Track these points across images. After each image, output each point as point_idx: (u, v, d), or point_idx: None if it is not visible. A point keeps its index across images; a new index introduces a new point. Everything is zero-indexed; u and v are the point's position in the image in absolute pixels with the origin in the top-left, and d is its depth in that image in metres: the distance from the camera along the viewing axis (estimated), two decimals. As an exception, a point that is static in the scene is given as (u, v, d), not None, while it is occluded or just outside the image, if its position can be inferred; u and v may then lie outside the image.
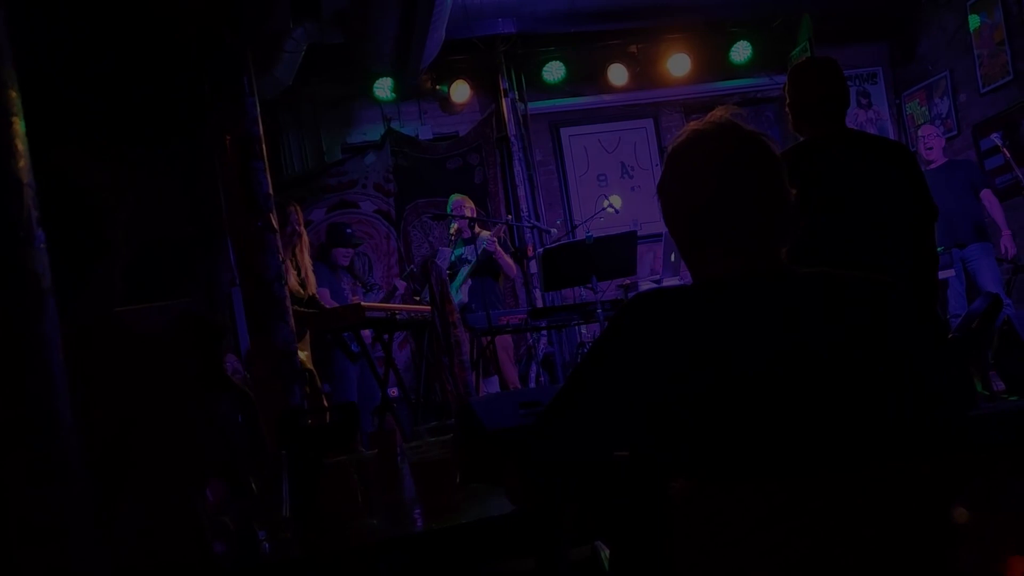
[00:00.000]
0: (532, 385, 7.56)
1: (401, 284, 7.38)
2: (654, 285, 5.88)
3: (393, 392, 6.25)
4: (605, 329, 1.48)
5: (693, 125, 1.54)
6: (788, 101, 3.24)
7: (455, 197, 7.03)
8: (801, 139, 3.28)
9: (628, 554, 1.55)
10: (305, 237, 5.64)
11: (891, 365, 1.40)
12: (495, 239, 6.68)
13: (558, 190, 9.01)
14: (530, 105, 8.77)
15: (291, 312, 4.66)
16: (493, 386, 6.83)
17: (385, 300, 7.17)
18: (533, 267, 8.17)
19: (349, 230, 7.08)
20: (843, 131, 3.24)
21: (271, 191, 4.62)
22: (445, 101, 8.72)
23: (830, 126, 3.18)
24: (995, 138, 6.93)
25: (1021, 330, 5.34)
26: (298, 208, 5.64)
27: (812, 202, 3.16)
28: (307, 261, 5.56)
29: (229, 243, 5.68)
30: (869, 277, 1.46)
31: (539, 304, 7.80)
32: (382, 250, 8.60)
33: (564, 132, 9.10)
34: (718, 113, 1.54)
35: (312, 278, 5.50)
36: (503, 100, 8.63)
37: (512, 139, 8.64)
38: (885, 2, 8.31)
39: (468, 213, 6.86)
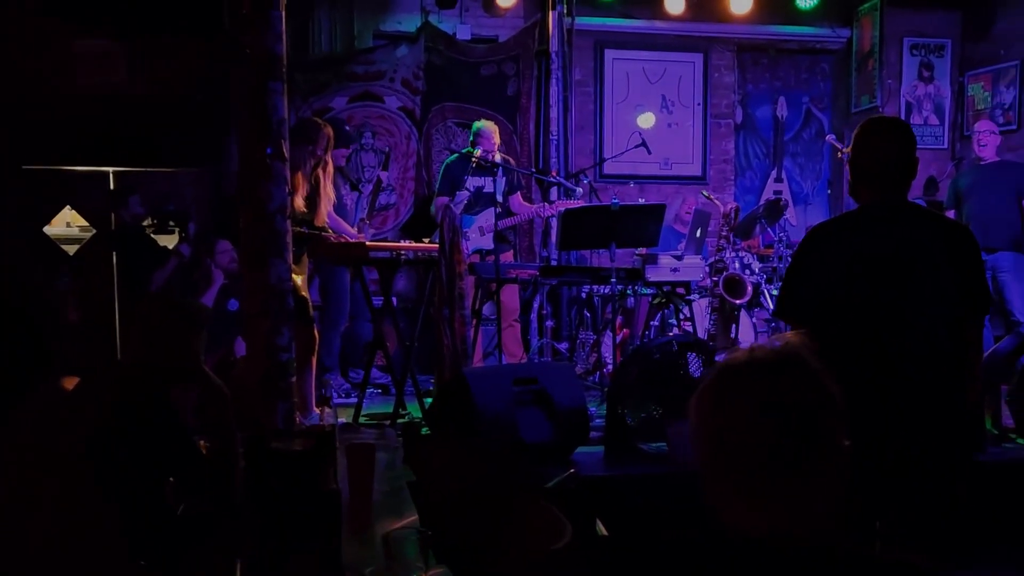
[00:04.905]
0: (534, 316, 7.41)
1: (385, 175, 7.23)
2: (673, 259, 5.59)
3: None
4: None
5: (758, 352, 1.27)
6: (851, 159, 2.93)
7: (482, 125, 6.64)
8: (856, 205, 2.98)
9: None
10: (331, 166, 5.22)
11: None
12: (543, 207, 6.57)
13: (592, 114, 8.64)
14: (577, 20, 8.28)
15: (291, 239, 4.40)
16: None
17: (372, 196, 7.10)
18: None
19: (348, 127, 6.69)
20: (903, 203, 2.94)
21: (286, 115, 4.29)
22: (489, 1, 8.24)
23: (890, 195, 2.88)
24: (1057, 150, 6.53)
25: (1045, 377, 5.12)
26: (331, 133, 5.20)
27: (861, 275, 2.92)
28: (327, 191, 5.13)
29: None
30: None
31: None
32: (401, 150, 8.25)
33: (608, 54, 8.64)
34: (787, 341, 1.28)
35: (325, 209, 5.10)
36: (550, 11, 8.14)
37: (553, 55, 8.19)
38: (969, -30, 7.73)
39: (496, 143, 6.53)
